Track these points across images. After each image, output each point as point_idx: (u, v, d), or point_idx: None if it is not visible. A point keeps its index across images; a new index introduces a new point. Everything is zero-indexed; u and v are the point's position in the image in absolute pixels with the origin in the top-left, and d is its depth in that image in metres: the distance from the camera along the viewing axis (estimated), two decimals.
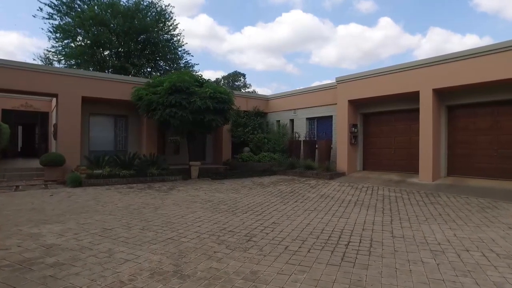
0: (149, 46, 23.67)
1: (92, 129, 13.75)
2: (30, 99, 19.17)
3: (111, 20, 21.13)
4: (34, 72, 11.70)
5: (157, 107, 11.51)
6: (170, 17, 24.31)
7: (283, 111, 17.79)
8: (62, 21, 21.91)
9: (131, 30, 21.47)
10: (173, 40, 24.84)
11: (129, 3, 22.65)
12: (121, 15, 21.30)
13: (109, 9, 21.29)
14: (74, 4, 22.07)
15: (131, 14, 21.55)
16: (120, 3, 22.11)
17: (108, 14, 21.13)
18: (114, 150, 14.09)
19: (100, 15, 20.62)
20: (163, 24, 24.18)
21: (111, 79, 13.24)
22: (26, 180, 11.68)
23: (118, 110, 14.30)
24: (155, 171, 11.82)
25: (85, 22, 20.42)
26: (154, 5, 23.52)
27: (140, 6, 22.61)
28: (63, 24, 21.75)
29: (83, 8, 21.65)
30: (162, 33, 24.14)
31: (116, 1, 21.90)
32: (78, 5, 22.12)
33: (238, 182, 12.15)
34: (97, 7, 21.21)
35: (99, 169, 11.19)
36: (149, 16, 22.95)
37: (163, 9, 23.90)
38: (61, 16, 21.83)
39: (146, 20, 22.43)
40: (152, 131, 14.10)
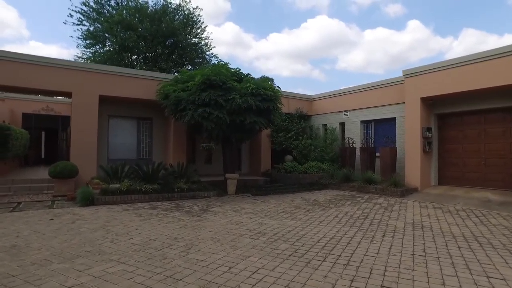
0: (177, 50, 22.63)
1: (111, 134, 11.79)
2: (51, 102, 17.77)
3: (138, 24, 20.39)
4: (44, 67, 9.86)
5: (187, 106, 9.31)
6: (198, 20, 23.47)
7: (331, 113, 15.22)
8: (92, 27, 21.51)
9: (158, 33, 20.57)
10: (201, 44, 24.02)
11: (157, 6, 22.04)
12: (148, 18, 20.64)
13: (137, 13, 20.74)
14: (103, 10, 21.70)
15: (159, 17, 20.93)
16: (147, 7, 21.57)
17: (136, 18, 20.45)
18: (136, 159, 12.06)
19: (128, 19, 19.97)
20: (191, 28, 23.29)
21: (133, 75, 11.24)
22: (34, 194, 9.80)
23: (142, 112, 12.28)
24: (184, 185, 9.60)
25: (113, 27, 19.78)
26: (182, 8, 22.76)
27: (168, 10, 21.92)
28: (92, 30, 21.35)
29: (112, 13, 21.17)
30: (189, 37, 23.28)
31: (144, 5, 21.40)
32: (107, 10, 21.71)
33: (287, 200, 9.70)
34: (125, 11, 20.67)
35: (116, 182, 9.10)
36: (176, 19, 22.24)
37: (190, 12, 23.10)
38: (90, 22, 21.47)
39: (174, 23, 21.55)
40: (180, 136, 11.96)
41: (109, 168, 9.54)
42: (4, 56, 9.36)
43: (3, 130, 11.45)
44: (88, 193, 8.06)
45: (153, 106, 12.25)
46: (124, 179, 9.35)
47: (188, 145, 12.59)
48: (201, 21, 23.61)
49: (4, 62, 9.37)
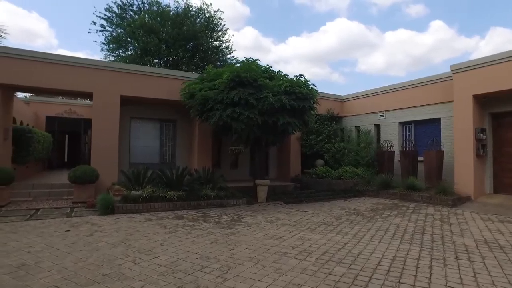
0: (198, 53, 22.45)
1: (133, 137, 11.18)
2: (73, 105, 17.52)
3: (160, 28, 20.24)
4: (64, 66, 9.35)
5: (214, 106, 8.53)
6: (219, 23, 23.24)
7: (365, 114, 14.14)
8: (114, 32, 21.65)
9: (179, 37, 20.39)
10: (222, 47, 23.79)
11: (178, 10, 21.95)
12: (170, 22, 20.57)
13: (158, 17, 20.69)
14: (125, 15, 21.84)
15: (180, 21, 20.81)
16: (169, 11, 21.54)
17: (157, 22, 20.32)
18: (159, 163, 11.39)
19: (150, 23, 19.87)
20: (212, 30, 23.06)
21: (156, 74, 10.60)
22: (53, 199, 9.26)
23: (165, 113, 11.63)
24: (210, 192, 8.81)
25: (135, 31, 19.79)
26: (203, 11, 22.59)
27: (189, 13, 21.80)
28: (115, 34, 21.47)
29: (134, 18, 21.29)
30: (211, 40, 23.07)
31: (166, 9, 21.37)
32: (130, 15, 21.81)
33: (324, 209, 8.74)
34: (147, 15, 20.71)
35: (138, 189, 8.41)
36: (198, 22, 22.04)
37: (211, 15, 22.89)
38: (113, 28, 21.61)
39: (195, 26, 21.37)
40: (205, 139, 11.21)
41: (130, 173, 8.87)
42: (22, 55, 8.89)
43: (25, 133, 11.05)
44: (108, 201, 7.38)
45: (176, 107, 11.60)
46: (146, 185, 8.65)
47: (213, 149, 11.83)
48: (222, 24, 23.44)
49: (22, 62, 8.90)
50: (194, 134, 11.33)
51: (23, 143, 10.89)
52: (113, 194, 7.70)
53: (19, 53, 8.91)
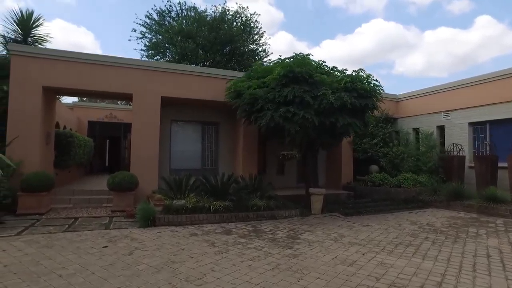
0: (234, 57, 22.13)
1: (173, 141, 10.51)
2: (114, 109, 17.42)
3: (197, 33, 20.26)
4: (104, 66, 8.86)
5: (264, 105, 7.59)
6: (255, 26, 22.96)
7: (425, 115, 12.63)
8: (154, 38, 21.96)
9: (216, 41, 20.21)
10: (258, 50, 23.44)
11: (215, 14, 22.02)
12: (206, 27, 20.63)
13: (195, 22, 20.82)
14: (164, 21, 22.20)
15: (217, 25, 20.79)
16: (206, 16, 21.71)
17: (194, 28, 20.37)
18: (200, 169, 10.64)
19: (187, 28, 20.03)
20: (249, 34, 22.83)
21: (198, 73, 9.87)
22: (92, 207, 8.76)
23: (207, 115, 10.88)
24: (260, 202, 7.85)
25: (173, 37, 19.90)
26: (240, 15, 22.44)
27: (225, 17, 21.80)
28: (154, 41, 21.75)
29: (172, 24, 21.60)
30: (247, 43, 22.86)
31: (203, 15, 21.56)
32: (168, 22, 22.14)
33: (390, 222, 7.52)
34: (185, 21, 20.97)
35: (180, 198, 7.63)
36: (234, 26, 21.88)
37: (248, 18, 22.65)
38: (152, 34, 21.97)
39: (232, 30, 21.22)
40: (251, 142, 10.32)
41: (172, 180, 8.14)
42: (62, 56, 8.49)
43: (66, 137, 10.76)
44: (148, 212, 6.63)
45: (219, 109, 10.84)
46: (189, 194, 7.87)
47: (258, 153, 10.90)
48: (258, 27, 23.20)
49: (62, 63, 8.51)
50: (239, 137, 10.47)
51: (64, 148, 10.60)
52: (154, 203, 6.97)
53: (59, 54, 8.53)
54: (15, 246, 5.18)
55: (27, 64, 8.26)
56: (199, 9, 21.97)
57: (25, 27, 10.07)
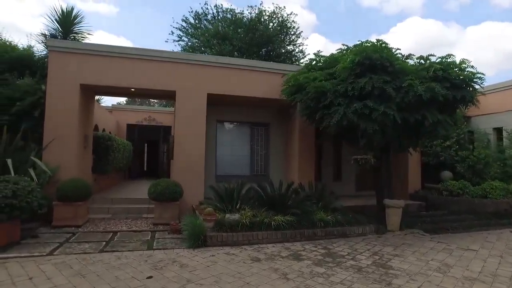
0: (271, 59, 21.18)
1: (219, 144, 9.42)
2: (153, 112, 16.77)
3: (234, 35, 19.76)
4: (144, 61, 7.94)
5: (334, 100, 6.26)
6: (292, 26, 22.07)
7: (509, 112, 10.69)
8: (190, 42, 21.95)
9: (253, 42, 19.64)
10: (296, 51, 22.65)
11: (252, 15, 21.44)
12: (243, 29, 20.21)
13: (232, 24, 20.42)
14: (200, 24, 22.15)
15: (253, 26, 20.35)
16: (242, 17, 21.27)
17: (230, 30, 19.91)
18: (250, 175, 9.47)
19: (224, 31, 19.64)
20: (286, 34, 22.07)
21: (249, 67, 8.71)
22: (132, 218, 7.83)
23: (256, 115, 9.70)
24: (326, 216, 6.52)
25: (209, 39, 19.68)
26: (276, 15, 21.72)
27: (262, 18, 21.18)
28: (190, 44, 21.74)
29: (208, 27, 21.48)
30: (284, 44, 22.12)
31: (239, 16, 21.12)
32: (204, 25, 22.10)
33: (495, 245, 5.98)
34: (221, 23, 20.64)
35: (232, 210, 6.48)
36: (271, 27, 21.30)
37: (285, 18, 21.88)
38: (189, 38, 21.99)
39: (268, 30, 20.62)
40: (308, 145, 9.01)
41: (222, 190, 7.00)
42: (98, 51, 7.67)
43: (105, 141, 10.02)
44: (198, 229, 5.51)
45: (270, 108, 9.65)
46: (241, 205, 6.70)
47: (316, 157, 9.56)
48: (295, 27, 22.34)
49: (99, 59, 7.69)
50: (293, 139, 9.19)
51: (103, 152, 9.85)
52: (204, 218, 5.84)
53: (97, 48, 7.72)
54: (45, 272, 4.22)
55: (65, 60, 7.51)
56: (235, 10, 21.68)
57: (66, 24, 9.45)
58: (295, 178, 8.78)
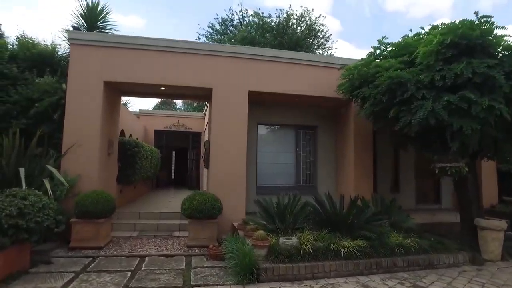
0: None
1: (260, 150, 8.18)
2: (182, 117, 15.84)
3: (261, 39, 19.24)
4: (177, 55, 6.88)
5: (415, 93, 4.88)
6: (320, 30, 21.77)
7: None
8: None
9: (280, 46, 18.94)
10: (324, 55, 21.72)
11: (280, 18, 21.17)
12: (270, 33, 19.77)
13: (259, 29, 20.10)
14: (227, 30, 22.17)
15: (281, 30, 20.04)
16: (271, 20, 21.06)
17: (258, 34, 19.51)
18: (295, 186, 8.18)
19: (251, 35, 19.23)
20: (314, 37, 21.78)
21: (298, 60, 7.40)
22: (162, 237, 6.71)
23: (302, 117, 8.41)
24: (403, 240, 5.10)
25: (236, 45, 18.80)
26: (304, 18, 21.42)
27: (290, 22, 20.84)
28: None
29: (234, 32, 21.47)
30: (312, 48, 21.72)
31: (266, 21, 20.78)
32: (230, 30, 22.12)
33: None
34: (249, 28, 20.46)
35: (286, 232, 5.18)
36: (299, 31, 20.90)
37: (313, 22, 21.54)
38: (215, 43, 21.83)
39: (296, 34, 20.18)
40: (365, 151, 7.63)
41: (270, 205, 5.72)
42: (124, 43, 6.68)
43: (132, 147, 9.03)
44: (248, 259, 4.25)
45: (318, 108, 8.36)
46: (294, 224, 5.40)
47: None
48: (324, 30, 22.03)
49: (125, 52, 6.70)
50: (347, 144, 7.82)
51: (129, 159, 8.86)
52: (254, 244, 4.58)
53: (123, 41, 6.72)
54: None
55: (88, 55, 6.56)
56: (263, 15, 21.29)
57: (91, 19, 8.61)
58: (349, 190, 7.41)
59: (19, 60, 7.34)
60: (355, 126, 7.59)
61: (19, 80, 6.98)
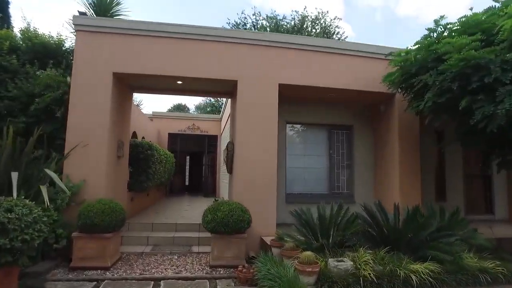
0: None
1: (289, 153, 7.18)
2: (197, 119, 14.99)
3: None
4: (195, 42, 5.99)
5: (501, 78, 3.83)
6: (335, 32, 21.52)
7: None
8: None
9: None
10: None
11: (294, 21, 21.10)
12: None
13: (274, 31, 19.76)
14: None
15: (296, 32, 20.05)
16: (286, 23, 21.00)
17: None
18: (329, 193, 7.15)
19: None
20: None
21: (336, 49, 6.43)
22: (179, 253, 5.75)
23: (336, 116, 7.41)
24: (481, 262, 4.03)
25: None
26: (319, 20, 21.24)
27: (305, 24, 20.80)
28: None
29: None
30: None
31: (281, 24, 20.68)
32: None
33: None
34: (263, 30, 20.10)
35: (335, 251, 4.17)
36: (313, 33, 20.85)
37: (328, 24, 21.36)
38: None
39: (311, 36, 19.73)
40: (412, 154, 6.57)
41: (309, 216, 4.71)
42: (136, 30, 5.83)
43: (144, 150, 8.16)
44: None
45: (353, 105, 7.36)
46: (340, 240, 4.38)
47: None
48: (340, 33, 21.73)
49: (137, 40, 5.85)
50: (389, 146, 6.76)
51: (142, 163, 7.99)
52: (300, 268, 3.58)
53: (134, 26, 5.87)
54: None
55: (95, 42, 5.73)
56: (277, 17, 21.21)
57: (101, 7, 7.80)
58: (394, 198, 6.34)
59: (20, 52, 6.57)
60: (400, 124, 6.57)
61: (19, 73, 6.19)
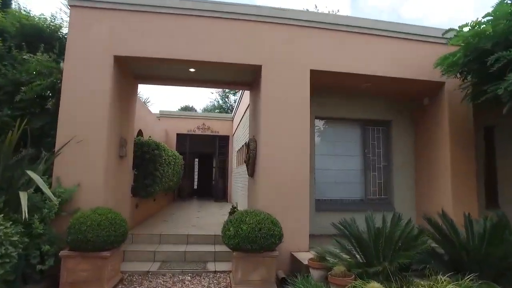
0: None
1: (318, 153, 6.17)
2: (207, 119, 14.06)
3: None
4: (211, 21, 5.05)
5: None
6: None
7: None
8: None
9: None
10: None
11: None
12: None
13: None
14: None
15: None
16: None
17: None
18: (364, 199, 6.13)
19: None
20: None
21: (375, 30, 5.42)
22: (192, 272, 4.81)
23: (372, 110, 6.38)
24: None
25: None
26: None
27: None
28: None
29: None
30: None
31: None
32: None
33: None
34: None
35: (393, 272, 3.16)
36: None
37: None
38: None
39: None
40: (466, 153, 5.52)
41: (355, 231, 3.69)
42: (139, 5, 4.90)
43: (150, 149, 7.22)
44: None
45: (391, 99, 6.34)
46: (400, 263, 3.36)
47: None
48: None
49: (139, 16, 4.93)
50: (437, 144, 5.72)
51: (148, 165, 7.06)
52: None
53: (137, 2, 4.93)
54: None
55: (92, 20, 4.82)
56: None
57: None
58: (444, 205, 5.27)
59: (8, 36, 5.68)
60: (451, 118, 5.54)
61: (5, 59, 5.30)
